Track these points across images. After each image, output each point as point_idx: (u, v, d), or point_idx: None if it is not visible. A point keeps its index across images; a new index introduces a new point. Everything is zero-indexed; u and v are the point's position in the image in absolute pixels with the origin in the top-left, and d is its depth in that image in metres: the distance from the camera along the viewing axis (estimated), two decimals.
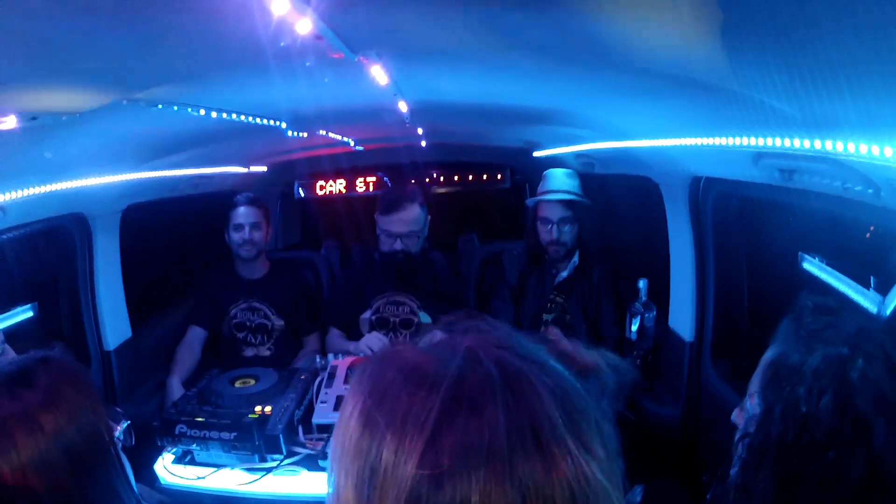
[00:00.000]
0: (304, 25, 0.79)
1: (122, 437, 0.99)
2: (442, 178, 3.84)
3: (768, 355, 0.88)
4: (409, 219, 2.32)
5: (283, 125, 1.99)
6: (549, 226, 2.29)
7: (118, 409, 1.06)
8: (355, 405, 0.49)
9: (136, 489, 0.95)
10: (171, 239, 2.89)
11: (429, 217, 2.41)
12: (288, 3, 0.70)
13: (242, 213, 2.46)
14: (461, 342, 0.49)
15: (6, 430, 0.76)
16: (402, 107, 1.77)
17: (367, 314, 2.44)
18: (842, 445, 0.72)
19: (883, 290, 1.20)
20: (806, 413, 0.75)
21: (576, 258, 2.36)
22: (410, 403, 0.45)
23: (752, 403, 0.88)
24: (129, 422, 1.03)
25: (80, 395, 0.85)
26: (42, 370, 0.84)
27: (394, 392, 0.47)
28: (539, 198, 2.34)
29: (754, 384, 0.89)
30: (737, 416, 0.95)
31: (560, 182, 2.31)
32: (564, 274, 2.36)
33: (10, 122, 1.06)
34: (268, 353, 2.52)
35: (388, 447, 0.44)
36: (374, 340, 2.19)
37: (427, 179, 3.90)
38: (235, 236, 2.47)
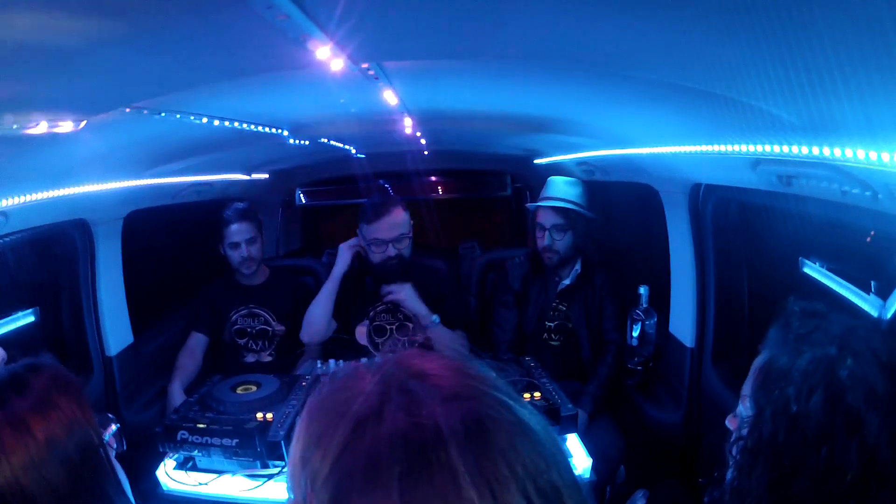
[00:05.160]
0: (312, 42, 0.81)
1: (112, 444, 0.97)
2: (443, 186, 3.85)
3: (759, 360, 0.90)
4: (397, 222, 2.25)
5: (285, 133, 2.00)
6: (543, 232, 2.30)
7: (109, 416, 1.03)
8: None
9: (131, 498, 0.94)
10: (173, 245, 2.90)
11: (412, 222, 2.35)
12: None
13: (236, 231, 2.41)
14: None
15: None
16: (404, 115, 1.78)
17: (364, 324, 2.42)
18: (834, 441, 0.75)
19: (883, 295, 1.20)
20: (796, 412, 0.77)
21: (578, 266, 2.36)
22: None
23: (744, 406, 0.91)
24: (118, 426, 1.01)
25: (72, 403, 0.83)
26: (33, 377, 0.82)
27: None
28: (535, 203, 2.36)
29: (746, 388, 0.91)
30: (730, 422, 0.97)
31: (558, 190, 2.32)
32: (567, 281, 2.36)
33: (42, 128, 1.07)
34: (269, 358, 2.52)
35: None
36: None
37: (429, 187, 3.91)
38: (234, 255, 2.44)
